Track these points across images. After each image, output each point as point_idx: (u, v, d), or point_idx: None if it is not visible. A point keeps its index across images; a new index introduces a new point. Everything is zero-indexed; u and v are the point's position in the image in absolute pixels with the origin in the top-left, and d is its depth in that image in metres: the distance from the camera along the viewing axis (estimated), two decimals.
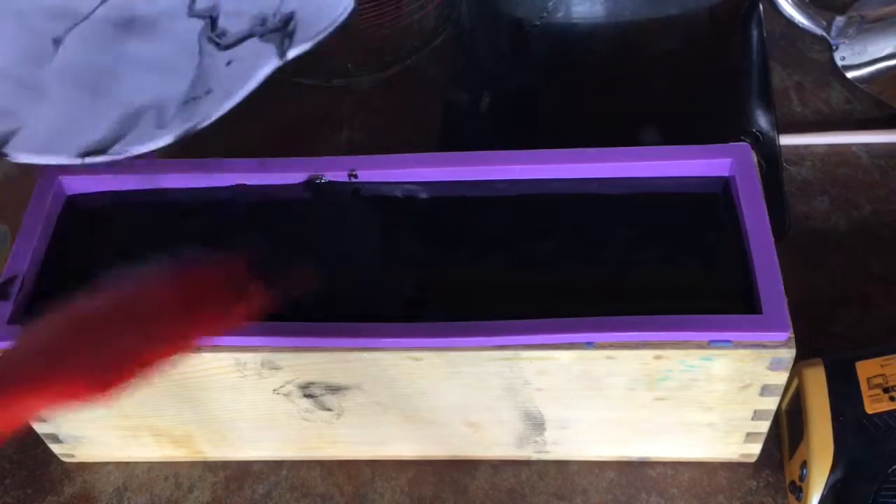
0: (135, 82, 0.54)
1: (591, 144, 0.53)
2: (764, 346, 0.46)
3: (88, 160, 0.50)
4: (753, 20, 0.74)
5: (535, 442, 0.54)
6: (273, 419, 0.53)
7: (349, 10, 0.49)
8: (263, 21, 0.52)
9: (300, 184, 0.54)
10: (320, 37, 0.49)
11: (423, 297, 0.49)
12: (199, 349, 0.48)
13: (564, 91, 0.72)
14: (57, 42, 0.56)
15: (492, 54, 0.76)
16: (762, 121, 0.67)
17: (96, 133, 0.51)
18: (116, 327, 0.39)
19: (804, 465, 0.49)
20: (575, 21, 0.76)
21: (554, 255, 0.51)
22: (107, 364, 0.38)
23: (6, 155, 0.51)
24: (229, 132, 0.53)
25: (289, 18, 0.51)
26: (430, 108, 0.72)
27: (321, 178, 0.54)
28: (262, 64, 0.50)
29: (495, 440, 0.54)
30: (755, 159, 0.52)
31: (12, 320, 0.49)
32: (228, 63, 0.52)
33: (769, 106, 0.68)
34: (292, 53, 0.50)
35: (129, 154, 0.50)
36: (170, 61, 0.55)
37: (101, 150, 0.50)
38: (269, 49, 0.50)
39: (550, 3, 0.76)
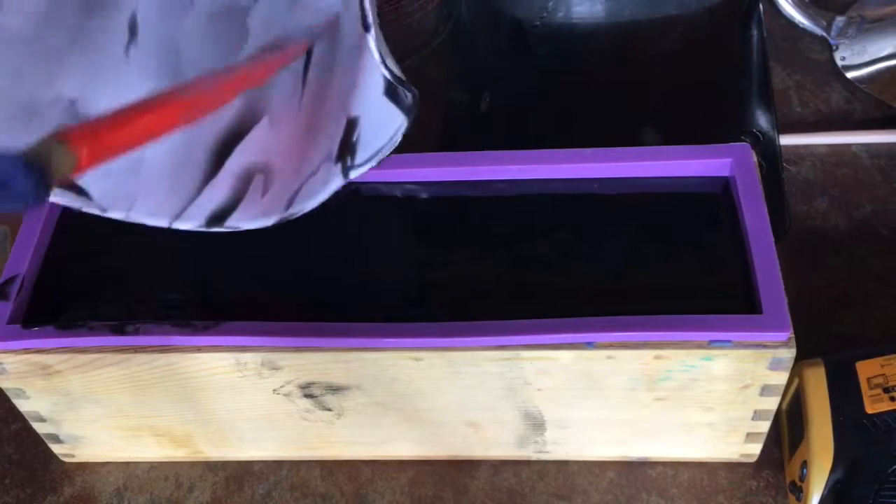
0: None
1: (591, 144, 0.53)
2: (764, 346, 0.46)
3: (213, 228, 0.47)
4: (753, 20, 0.74)
5: (536, 442, 0.54)
6: (273, 419, 0.53)
7: (404, 128, 0.45)
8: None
9: None
10: (380, 156, 0.45)
11: (423, 297, 0.49)
12: (199, 349, 0.48)
13: (564, 91, 0.72)
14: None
15: (492, 54, 0.76)
16: (762, 121, 0.67)
17: (220, 193, 0.47)
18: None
19: (804, 465, 0.49)
20: (575, 21, 0.76)
21: (554, 256, 0.51)
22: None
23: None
24: None
25: (353, 144, 0.46)
26: (430, 108, 0.71)
27: None
28: (331, 180, 0.46)
29: (495, 440, 0.54)
30: (755, 159, 0.52)
31: (12, 320, 0.49)
32: None
33: (769, 106, 0.68)
34: (354, 174, 0.46)
35: (238, 229, 0.47)
36: (280, 104, 0.49)
37: (220, 218, 0.47)
38: (336, 167, 0.46)
39: (550, 3, 0.76)
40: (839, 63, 0.73)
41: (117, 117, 0.37)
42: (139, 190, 0.48)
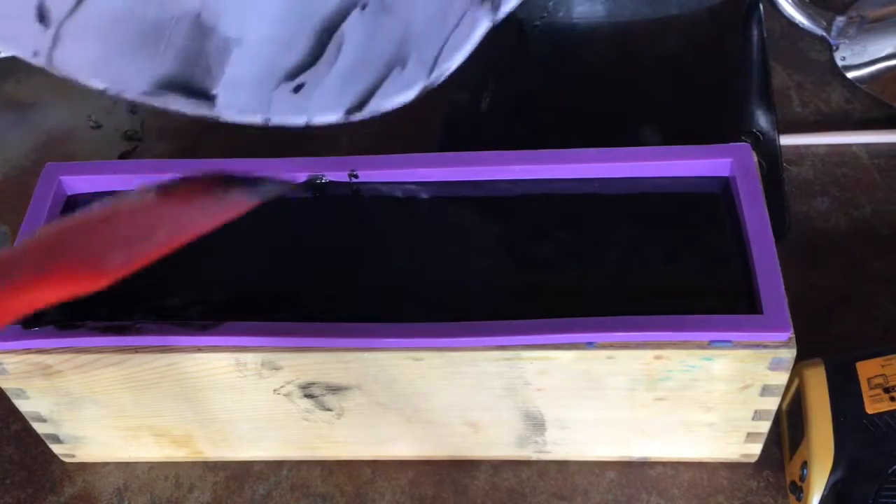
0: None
1: (591, 144, 0.53)
2: (764, 346, 0.46)
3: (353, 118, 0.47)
4: (753, 20, 0.74)
5: (536, 442, 0.54)
6: (273, 419, 0.53)
7: None
8: None
9: (300, 184, 0.54)
10: None
11: (423, 297, 0.49)
12: (199, 349, 0.48)
13: (564, 91, 0.72)
14: None
15: (492, 54, 0.76)
16: (762, 121, 0.67)
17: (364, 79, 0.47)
18: (113, 227, 0.38)
19: (804, 465, 0.49)
20: (575, 21, 0.76)
21: (554, 256, 0.51)
22: (107, 252, 0.38)
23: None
24: (229, 132, 0.53)
25: None
26: (430, 108, 0.71)
27: (321, 178, 0.54)
28: (478, 23, 0.44)
29: (495, 440, 0.54)
30: (755, 159, 0.52)
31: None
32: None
33: (769, 106, 0.68)
34: (505, 9, 0.44)
35: (383, 110, 0.46)
36: None
37: (361, 105, 0.47)
38: (483, 8, 0.44)
39: (551, 3, 0.76)
40: (839, 63, 0.73)
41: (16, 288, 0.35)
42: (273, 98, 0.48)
